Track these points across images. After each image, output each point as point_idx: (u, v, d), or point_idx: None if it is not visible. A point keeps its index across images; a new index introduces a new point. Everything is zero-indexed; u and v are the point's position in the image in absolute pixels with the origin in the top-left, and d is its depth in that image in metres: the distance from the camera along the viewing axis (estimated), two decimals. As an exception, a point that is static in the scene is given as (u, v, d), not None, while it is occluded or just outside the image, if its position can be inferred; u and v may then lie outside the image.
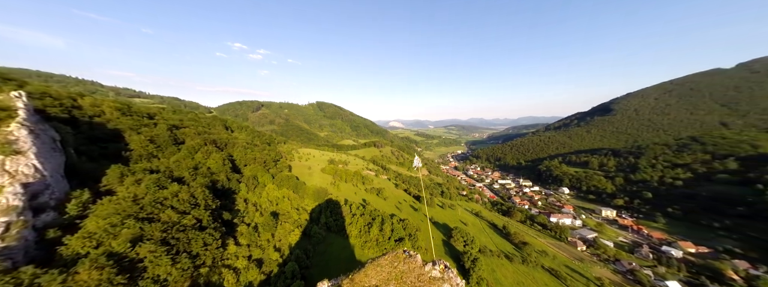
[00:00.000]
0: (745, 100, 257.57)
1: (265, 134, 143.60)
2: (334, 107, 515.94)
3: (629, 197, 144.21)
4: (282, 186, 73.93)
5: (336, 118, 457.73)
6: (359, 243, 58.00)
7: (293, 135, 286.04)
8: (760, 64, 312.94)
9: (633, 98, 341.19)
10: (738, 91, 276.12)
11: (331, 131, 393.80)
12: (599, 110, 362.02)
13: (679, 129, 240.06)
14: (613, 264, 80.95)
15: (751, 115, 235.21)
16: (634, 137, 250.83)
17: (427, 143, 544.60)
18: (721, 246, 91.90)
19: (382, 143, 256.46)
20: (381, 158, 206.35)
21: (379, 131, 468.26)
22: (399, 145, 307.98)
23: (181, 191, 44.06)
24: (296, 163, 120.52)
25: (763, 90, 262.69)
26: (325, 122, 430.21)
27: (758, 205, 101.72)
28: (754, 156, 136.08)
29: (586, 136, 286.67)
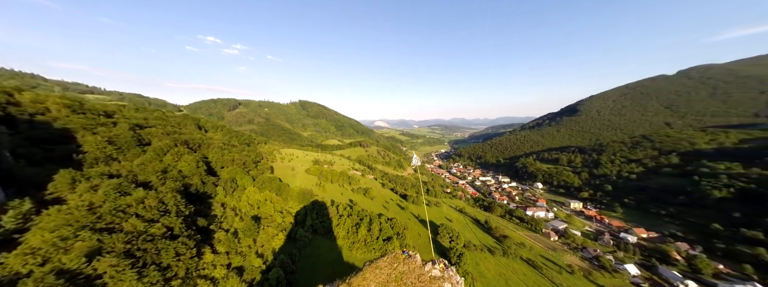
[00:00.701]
0: (683, 103, 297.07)
1: (244, 134, 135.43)
2: (318, 106, 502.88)
3: (593, 190, 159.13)
4: (264, 189, 70.28)
5: (320, 117, 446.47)
6: (347, 245, 57.11)
7: (275, 135, 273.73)
8: (694, 72, 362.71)
9: (595, 100, 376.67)
10: (678, 95, 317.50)
11: (315, 130, 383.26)
12: (567, 110, 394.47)
13: (633, 128, 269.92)
14: (581, 251, 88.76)
15: (688, 116, 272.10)
16: (596, 135, 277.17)
17: (412, 142, 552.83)
18: (667, 231, 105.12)
19: (368, 143, 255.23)
20: (367, 158, 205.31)
21: (365, 130, 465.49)
22: (385, 144, 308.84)
23: (148, 197, 39.91)
24: (279, 164, 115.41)
25: (697, 95, 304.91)
26: (308, 122, 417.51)
27: (695, 194, 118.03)
28: (691, 152, 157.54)
29: (557, 135, 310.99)
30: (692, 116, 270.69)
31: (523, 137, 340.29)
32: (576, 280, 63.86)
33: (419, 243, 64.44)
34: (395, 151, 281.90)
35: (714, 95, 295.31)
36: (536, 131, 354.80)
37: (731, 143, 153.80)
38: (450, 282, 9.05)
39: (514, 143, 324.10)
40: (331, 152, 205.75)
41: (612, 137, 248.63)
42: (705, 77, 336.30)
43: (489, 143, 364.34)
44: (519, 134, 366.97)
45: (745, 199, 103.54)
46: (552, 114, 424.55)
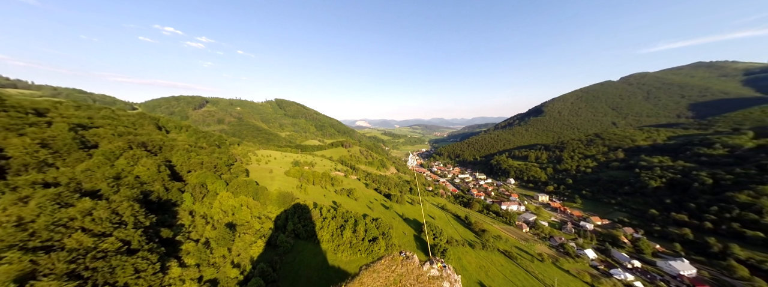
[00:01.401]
0: (625, 105, 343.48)
1: (214, 135, 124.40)
2: (296, 105, 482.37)
3: (557, 183, 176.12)
4: (239, 193, 65.26)
5: (299, 117, 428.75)
6: (332, 248, 55.52)
7: (248, 136, 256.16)
8: (633, 78, 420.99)
9: (557, 102, 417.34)
10: (621, 98, 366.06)
11: (294, 130, 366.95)
12: (534, 111, 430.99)
13: (587, 127, 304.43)
14: (548, 240, 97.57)
15: (629, 116, 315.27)
16: (558, 134, 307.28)
17: (394, 142, 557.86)
18: (616, 217, 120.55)
19: (350, 143, 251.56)
20: (350, 158, 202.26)
21: (346, 130, 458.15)
22: (367, 144, 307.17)
23: (97, 207, 34.59)
24: (255, 166, 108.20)
25: (635, 98, 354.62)
26: (286, 122, 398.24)
27: (636, 184, 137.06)
28: (633, 148, 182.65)
29: (525, 134, 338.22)
30: (632, 116, 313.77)
31: (496, 136, 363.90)
32: (546, 267, 70.01)
33: (404, 241, 65.17)
34: (378, 151, 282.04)
35: (648, 99, 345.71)
36: (508, 130, 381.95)
37: (662, 140, 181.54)
38: (448, 280, 9.11)
39: (489, 142, 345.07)
40: (312, 153, 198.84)
41: (571, 135, 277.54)
42: (641, 83, 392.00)
43: (466, 142, 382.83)
44: (493, 134, 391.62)
45: (673, 187, 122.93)
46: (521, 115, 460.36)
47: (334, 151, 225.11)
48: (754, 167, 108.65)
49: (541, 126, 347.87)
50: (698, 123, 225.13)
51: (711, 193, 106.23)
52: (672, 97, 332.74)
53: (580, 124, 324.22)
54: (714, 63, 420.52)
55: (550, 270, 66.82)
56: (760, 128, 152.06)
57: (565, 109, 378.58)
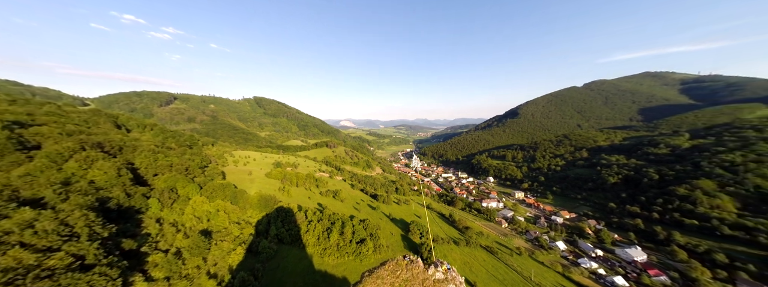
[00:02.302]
0: (588, 109, 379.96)
1: (184, 134, 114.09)
2: (277, 103, 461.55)
3: (531, 181, 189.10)
4: (214, 197, 60.64)
5: (280, 116, 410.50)
6: (318, 251, 53.82)
7: (224, 135, 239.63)
8: (594, 85, 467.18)
9: (531, 105, 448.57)
10: (585, 103, 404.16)
11: (275, 130, 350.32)
12: (510, 113, 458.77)
13: (557, 129, 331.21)
14: (525, 234, 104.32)
15: (592, 119, 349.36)
16: (532, 135, 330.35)
17: (379, 142, 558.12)
18: (582, 211, 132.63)
19: (334, 143, 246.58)
20: (334, 159, 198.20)
21: (331, 130, 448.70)
22: (352, 145, 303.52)
23: (41, 218, 29.88)
24: (232, 168, 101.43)
25: (596, 103, 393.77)
26: (266, 121, 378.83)
27: (598, 181, 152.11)
28: (595, 148, 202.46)
29: (503, 135, 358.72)
30: (594, 119, 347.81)
31: (477, 136, 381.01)
32: (523, 260, 74.68)
33: (392, 241, 65.31)
34: (363, 151, 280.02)
35: (606, 104, 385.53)
36: (487, 131, 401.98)
37: (618, 141, 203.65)
38: (454, 283, 9.10)
39: (470, 142, 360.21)
40: (295, 154, 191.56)
41: (543, 136, 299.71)
42: (600, 89, 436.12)
43: (449, 143, 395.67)
44: (474, 134, 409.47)
45: (627, 183, 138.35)
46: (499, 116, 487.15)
47: (319, 151, 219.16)
48: (690, 165, 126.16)
49: (516, 127, 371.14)
50: (646, 126, 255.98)
51: (657, 187, 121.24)
52: (625, 102, 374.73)
53: (550, 126, 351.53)
54: (658, 73, 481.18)
55: (527, 263, 71.33)
56: (694, 131, 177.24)
57: (538, 111, 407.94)
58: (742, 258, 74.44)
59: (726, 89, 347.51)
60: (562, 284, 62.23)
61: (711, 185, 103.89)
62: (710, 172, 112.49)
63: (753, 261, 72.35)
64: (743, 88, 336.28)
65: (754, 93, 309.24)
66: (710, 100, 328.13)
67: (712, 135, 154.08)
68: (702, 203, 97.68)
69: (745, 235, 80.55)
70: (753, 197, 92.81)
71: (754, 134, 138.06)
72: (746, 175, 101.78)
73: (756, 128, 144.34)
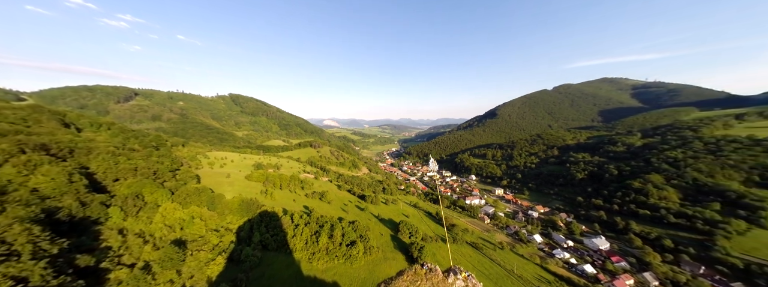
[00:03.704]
0: (557, 111, 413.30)
1: (149, 134, 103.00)
2: (256, 101, 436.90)
3: (509, 178, 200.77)
4: (189, 203, 55.51)
5: (259, 114, 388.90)
6: (306, 256, 51.69)
7: (196, 135, 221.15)
8: (562, 88, 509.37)
9: (508, 106, 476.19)
10: (554, 105, 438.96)
11: (253, 129, 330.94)
12: (489, 114, 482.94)
13: (531, 129, 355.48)
14: (505, 229, 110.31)
15: (560, 120, 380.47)
16: (509, 134, 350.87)
17: (364, 141, 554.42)
18: (554, 205, 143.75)
19: (319, 143, 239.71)
20: (320, 159, 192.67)
21: (314, 130, 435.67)
22: (337, 144, 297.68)
23: (-33, 236, 24.77)
24: (207, 171, 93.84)
25: (563, 105, 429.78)
26: (243, 120, 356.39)
27: (567, 177, 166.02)
28: (564, 146, 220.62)
29: (483, 134, 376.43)
30: (562, 120, 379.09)
31: (459, 136, 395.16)
32: (505, 254, 78.82)
33: (382, 242, 64.96)
34: (349, 151, 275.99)
35: (572, 106, 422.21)
36: (468, 131, 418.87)
37: (583, 140, 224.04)
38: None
39: (453, 142, 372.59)
40: (277, 154, 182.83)
41: (519, 135, 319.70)
42: (567, 92, 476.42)
43: (433, 142, 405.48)
44: (456, 134, 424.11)
45: (592, 178, 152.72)
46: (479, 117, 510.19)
47: (302, 152, 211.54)
48: (642, 161, 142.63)
49: (495, 127, 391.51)
50: (606, 126, 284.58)
51: (616, 181, 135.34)
52: (588, 105, 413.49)
53: (525, 126, 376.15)
54: (614, 79, 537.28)
55: (509, 257, 75.35)
56: (644, 131, 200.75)
57: (514, 112, 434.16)
58: (684, 243, 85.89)
59: (667, 94, 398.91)
60: (541, 275, 66.67)
61: (659, 179, 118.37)
62: (658, 167, 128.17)
63: (693, 245, 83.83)
64: (680, 93, 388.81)
65: (687, 98, 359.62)
66: (655, 103, 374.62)
67: (658, 135, 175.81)
68: (652, 195, 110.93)
69: (686, 222, 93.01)
70: (691, 189, 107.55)
71: (690, 133, 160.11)
72: (686, 169, 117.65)
73: (691, 129, 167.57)
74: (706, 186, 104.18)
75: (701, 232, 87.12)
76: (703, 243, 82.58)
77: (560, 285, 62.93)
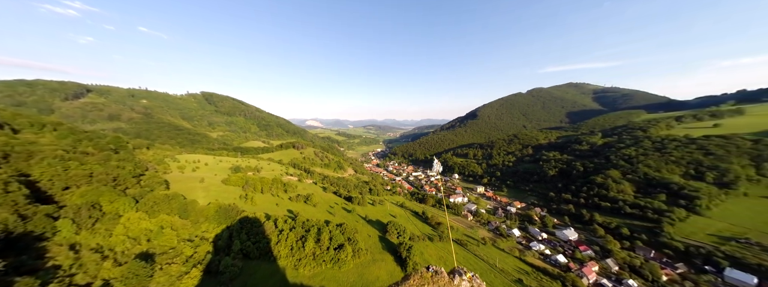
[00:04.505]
0: (531, 112, 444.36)
1: (105, 136, 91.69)
2: (232, 100, 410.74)
3: (489, 176, 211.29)
4: (156, 212, 50.47)
5: (236, 114, 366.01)
6: (291, 263, 49.54)
7: (163, 136, 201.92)
8: (535, 92, 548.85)
9: (487, 107, 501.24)
10: (528, 107, 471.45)
11: (230, 130, 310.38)
12: (470, 115, 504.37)
13: (508, 129, 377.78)
14: (487, 225, 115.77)
15: (534, 121, 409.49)
16: (488, 135, 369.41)
17: (349, 142, 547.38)
18: (530, 201, 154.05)
19: (302, 144, 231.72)
20: (303, 161, 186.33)
21: (297, 130, 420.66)
22: (321, 145, 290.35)
23: None
24: (177, 175, 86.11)
25: (536, 107, 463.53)
26: (218, 119, 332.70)
27: (541, 174, 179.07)
28: (537, 145, 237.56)
29: (465, 134, 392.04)
30: (535, 121, 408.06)
31: (442, 136, 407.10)
32: (488, 249, 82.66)
33: (370, 244, 64.48)
34: (333, 152, 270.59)
35: (544, 108, 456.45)
36: (451, 131, 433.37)
37: (554, 139, 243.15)
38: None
39: (437, 142, 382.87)
40: (256, 156, 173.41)
41: (498, 136, 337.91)
42: (539, 95, 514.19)
43: (418, 142, 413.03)
44: (440, 134, 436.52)
45: (562, 174, 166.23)
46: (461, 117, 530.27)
47: (284, 153, 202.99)
48: (603, 158, 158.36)
49: (476, 128, 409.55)
50: (572, 127, 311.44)
51: (582, 177, 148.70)
52: (557, 107, 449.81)
53: (503, 126, 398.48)
54: (578, 84, 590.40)
55: (492, 251, 79.10)
56: (604, 131, 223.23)
57: (493, 114, 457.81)
58: (638, 230, 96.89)
59: (622, 98, 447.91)
60: (520, 267, 70.91)
61: (617, 174, 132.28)
62: (616, 163, 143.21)
63: (645, 232, 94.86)
64: (632, 97, 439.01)
65: (638, 102, 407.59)
66: (612, 106, 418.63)
67: (615, 134, 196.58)
68: (612, 188, 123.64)
69: (639, 212, 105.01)
70: (643, 182, 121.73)
71: (641, 133, 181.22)
72: (638, 165, 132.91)
73: (642, 129, 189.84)
74: (655, 180, 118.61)
75: (651, 220, 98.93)
76: (653, 230, 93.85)
77: (537, 275, 67.43)
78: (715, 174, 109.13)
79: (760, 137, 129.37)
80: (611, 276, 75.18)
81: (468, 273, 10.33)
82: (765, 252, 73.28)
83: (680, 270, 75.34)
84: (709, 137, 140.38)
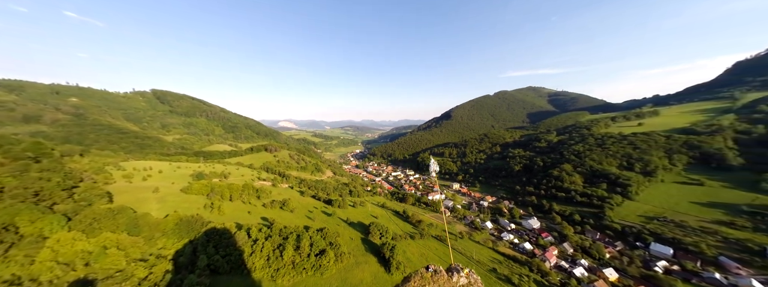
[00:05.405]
0: (498, 113, 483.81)
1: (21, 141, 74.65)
2: (190, 99, 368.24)
3: (464, 173, 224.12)
4: (97, 230, 42.92)
5: (196, 115, 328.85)
6: (268, 274, 46.25)
7: (101, 141, 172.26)
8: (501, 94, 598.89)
9: (460, 108, 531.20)
10: (495, 108, 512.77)
11: (189, 133, 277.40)
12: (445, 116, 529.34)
13: (479, 129, 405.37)
14: (463, 219, 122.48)
15: (501, 122, 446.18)
16: (462, 134, 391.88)
17: (326, 144, 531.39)
18: (499, 195, 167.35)
19: (276, 147, 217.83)
20: (277, 164, 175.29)
21: (269, 132, 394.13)
22: (297, 147, 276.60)
23: None
24: (123, 186, 74.29)
25: (502, 108, 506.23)
26: (173, 121, 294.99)
27: (508, 170, 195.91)
28: (504, 143, 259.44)
29: (441, 134, 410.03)
30: (502, 121, 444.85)
31: (420, 136, 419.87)
32: (465, 242, 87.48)
33: (352, 246, 63.40)
34: (310, 154, 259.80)
35: (508, 109, 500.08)
36: (428, 131, 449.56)
37: (518, 138, 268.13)
38: (477, 285, 9.52)
39: (415, 142, 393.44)
40: (223, 161, 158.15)
41: (470, 135, 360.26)
42: (504, 98, 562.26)
43: (396, 143, 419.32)
44: (417, 134, 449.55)
45: (526, 169, 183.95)
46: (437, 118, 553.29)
47: (256, 157, 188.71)
48: (558, 154, 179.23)
49: (450, 128, 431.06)
50: (533, 126, 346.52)
51: (542, 171, 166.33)
52: (519, 109, 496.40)
53: (474, 126, 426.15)
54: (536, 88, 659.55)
55: (468, 245, 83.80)
56: (558, 130, 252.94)
57: (465, 115, 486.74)
58: (587, 216, 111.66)
59: (571, 101, 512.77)
60: (494, 256, 76.42)
61: (569, 168, 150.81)
62: (568, 158, 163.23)
63: (592, 217, 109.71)
64: (578, 100, 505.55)
65: (582, 104, 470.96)
66: (563, 108, 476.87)
67: (566, 133, 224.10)
68: (565, 180, 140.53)
69: (587, 200, 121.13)
70: (589, 174, 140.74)
71: (586, 131, 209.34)
72: (585, 159, 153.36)
73: (586, 128, 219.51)
74: (598, 171, 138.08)
75: (596, 207, 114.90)
76: (598, 215, 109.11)
77: (509, 263, 73.37)
78: (641, 165, 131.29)
79: (670, 133, 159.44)
80: (568, 257, 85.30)
81: (465, 270, 10.79)
82: (678, 227, 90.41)
83: (619, 248, 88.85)
84: (636, 134, 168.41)
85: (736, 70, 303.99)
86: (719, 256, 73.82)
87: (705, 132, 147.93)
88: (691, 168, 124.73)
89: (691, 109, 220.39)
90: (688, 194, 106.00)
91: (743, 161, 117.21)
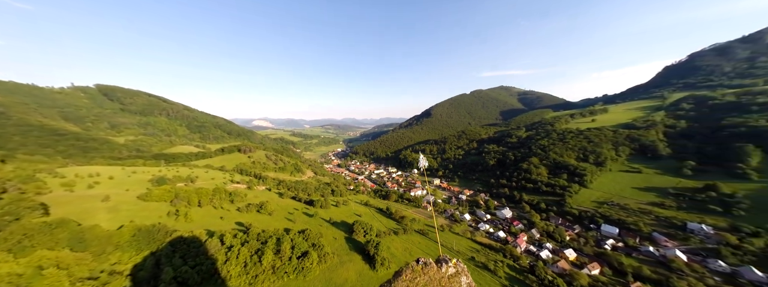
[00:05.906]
0: (474, 111, 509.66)
1: None
2: (146, 96, 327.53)
3: (444, 169, 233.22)
4: (29, 248, 36.65)
5: (154, 113, 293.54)
6: (246, 282, 43.70)
7: (30, 144, 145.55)
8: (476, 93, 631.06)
9: (439, 107, 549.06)
10: (471, 106, 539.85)
11: (146, 133, 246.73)
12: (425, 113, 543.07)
13: (457, 126, 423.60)
14: (444, 213, 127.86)
15: (476, 119, 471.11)
16: (441, 131, 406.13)
17: (306, 143, 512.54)
18: (476, 188, 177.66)
19: (250, 147, 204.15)
20: (253, 166, 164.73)
21: (242, 132, 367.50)
22: (274, 147, 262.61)
23: None
24: (64, 196, 64.06)
25: (477, 106, 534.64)
26: (125, 120, 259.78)
27: (484, 164, 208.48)
28: (480, 140, 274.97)
29: (421, 132, 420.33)
30: (478, 119, 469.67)
31: (401, 134, 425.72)
32: (446, 235, 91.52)
33: (336, 246, 62.58)
34: (289, 154, 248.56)
35: (483, 107, 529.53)
36: (409, 129, 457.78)
37: (492, 134, 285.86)
38: (465, 274, 10.07)
39: (396, 139, 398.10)
40: (189, 164, 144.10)
41: (449, 132, 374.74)
42: (479, 96, 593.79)
43: (378, 141, 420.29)
44: (398, 132, 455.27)
45: (499, 163, 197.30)
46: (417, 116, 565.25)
47: (228, 158, 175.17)
48: (527, 148, 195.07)
49: (430, 126, 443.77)
50: (505, 123, 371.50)
51: (514, 165, 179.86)
52: (493, 107, 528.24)
53: (453, 124, 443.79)
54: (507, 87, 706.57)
55: (449, 237, 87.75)
56: (526, 126, 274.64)
57: (444, 112, 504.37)
58: (551, 204, 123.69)
59: (537, 100, 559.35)
60: (472, 246, 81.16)
61: (536, 161, 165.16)
62: (536, 152, 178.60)
63: (555, 204, 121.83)
64: (543, 99, 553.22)
65: (547, 102, 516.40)
66: (531, 106, 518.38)
67: (534, 129, 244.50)
68: (533, 172, 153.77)
69: (551, 189, 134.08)
70: (552, 166, 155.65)
71: (550, 127, 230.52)
72: (549, 152, 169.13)
73: (550, 124, 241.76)
74: (560, 163, 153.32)
75: (558, 195, 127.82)
76: (560, 203, 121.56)
77: (485, 251, 78.52)
78: (594, 156, 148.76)
79: (616, 128, 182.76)
80: (535, 242, 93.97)
81: (453, 260, 11.30)
82: (622, 210, 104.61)
83: (577, 231, 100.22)
84: (590, 129, 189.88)
85: (666, 74, 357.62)
86: (653, 232, 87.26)
87: (642, 127, 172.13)
88: (632, 158, 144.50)
89: (632, 107, 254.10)
90: (630, 181, 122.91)
91: (670, 151, 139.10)
